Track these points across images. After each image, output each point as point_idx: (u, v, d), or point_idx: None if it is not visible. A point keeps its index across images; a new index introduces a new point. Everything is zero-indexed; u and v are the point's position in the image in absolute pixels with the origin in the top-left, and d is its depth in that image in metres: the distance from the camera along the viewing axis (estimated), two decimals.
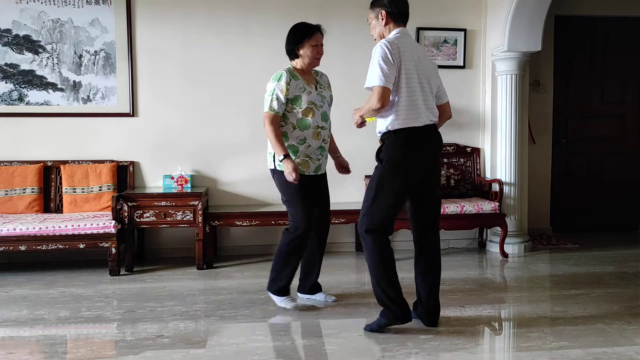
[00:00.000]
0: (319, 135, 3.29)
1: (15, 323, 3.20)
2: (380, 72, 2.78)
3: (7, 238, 4.03)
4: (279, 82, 3.22)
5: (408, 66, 2.86)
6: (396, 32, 2.97)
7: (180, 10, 4.80)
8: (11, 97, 4.66)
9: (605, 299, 3.60)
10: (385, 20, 2.99)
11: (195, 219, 4.35)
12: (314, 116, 3.26)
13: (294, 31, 3.31)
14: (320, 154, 3.34)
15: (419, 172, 2.94)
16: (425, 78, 2.95)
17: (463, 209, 4.65)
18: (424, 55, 3.04)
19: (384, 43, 2.84)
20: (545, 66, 5.60)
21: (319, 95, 3.31)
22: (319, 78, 3.42)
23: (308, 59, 3.28)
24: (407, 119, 2.87)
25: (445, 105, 3.15)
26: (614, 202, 5.84)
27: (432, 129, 2.98)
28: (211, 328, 3.11)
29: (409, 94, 2.87)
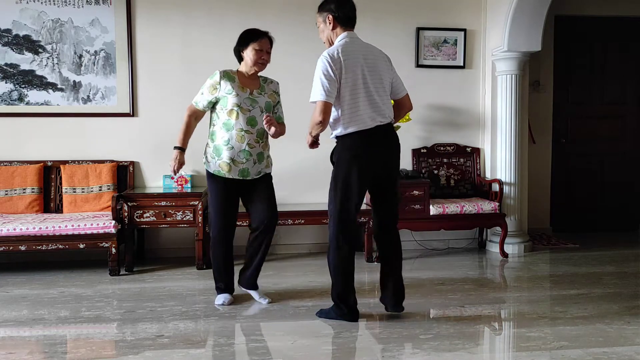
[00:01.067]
0: (243, 139, 3.34)
1: (15, 323, 3.20)
2: (321, 87, 2.93)
3: (7, 238, 4.03)
4: (210, 80, 3.37)
5: (350, 75, 2.97)
6: (342, 36, 3.06)
7: (180, 10, 4.80)
8: (11, 97, 4.66)
9: (605, 299, 3.60)
10: (333, 24, 3.08)
11: (195, 219, 4.35)
12: (238, 119, 3.32)
13: (242, 34, 3.43)
14: (245, 158, 3.35)
15: (368, 169, 3.05)
16: (375, 79, 3.05)
17: (463, 209, 4.65)
18: (376, 55, 3.11)
19: (325, 57, 2.96)
20: (545, 66, 5.60)
21: (250, 99, 3.36)
22: (265, 84, 3.47)
23: (250, 62, 3.36)
24: (352, 125, 3.00)
25: (404, 98, 3.25)
26: (614, 202, 5.85)
27: (382, 129, 3.07)
28: (211, 328, 3.11)
29: (352, 103, 2.98)
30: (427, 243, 5.14)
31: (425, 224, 4.68)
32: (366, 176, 3.06)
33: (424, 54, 5.07)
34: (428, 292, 3.79)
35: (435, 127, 5.15)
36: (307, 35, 4.92)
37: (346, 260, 3.08)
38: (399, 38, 5.03)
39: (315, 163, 4.86)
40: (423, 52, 5.07)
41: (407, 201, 4.60)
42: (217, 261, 3.49)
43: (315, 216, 4.56)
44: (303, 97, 4.94)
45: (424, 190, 4.64)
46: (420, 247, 5.10)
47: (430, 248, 5.12)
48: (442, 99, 5.13)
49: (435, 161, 5.11)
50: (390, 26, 4.99)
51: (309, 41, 4.92)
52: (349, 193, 3.04)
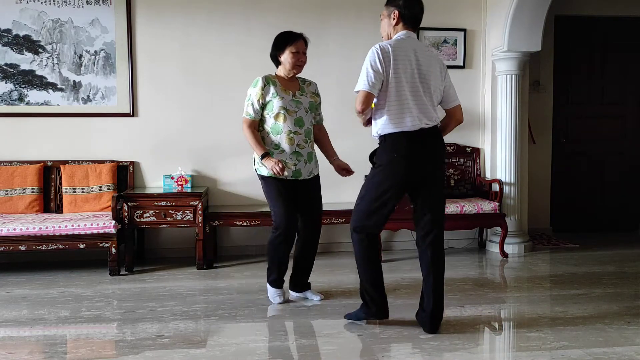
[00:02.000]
0: (292, 141, 3.36)
1: (15, 323, 3.20)
2: (366, 77, 2.85)
3: (7, 238, 4.03)
4: (254, 88, 3.36)
5: (400, 71, 2.87)
6: (401, 34, 2.97)
7: (181, 10, 4.80)
8: (11, 97, 4.66)
9: (605, 299, 3.60)
10: (397, 21, 2.98)
11: (195, 219, 4.35)
12: (286, 121, 3.34)
13: (277, 38, 3.43)
14: (297, 159, 3.39)
15: (409, 174, 2.92)
16: (424, 82, 2.93)
17: (463, 209, 4.65)
18: (429, 59, 2.98)
19: (376, 48, 2.88)
20: (545, 66, 5.60)
21: (294, 101, 3.38)
22: (304, 86, 3.49)
23: (289, 65, 3.37)
24: (396, 123, 2.89)
25: (454, 109, 3.11)
26: (614, 202, 5.85)
27: (427, 132, 2.92)
28: (211, 328, 3.11)
29: (398, 100, 2.88)
30: None
31: None
32: (405, 181, 2.94)
33: None
34: None
35: None
36: (309, 35, 4.91)
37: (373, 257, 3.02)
38: None
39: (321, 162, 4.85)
40: None
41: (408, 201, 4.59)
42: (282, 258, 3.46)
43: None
44: None
45: None
46: None
47: None
48: None
49: None
50: None
51: (311, 41, 4.92)
52: (381, 195, 2.93)
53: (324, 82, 4.06)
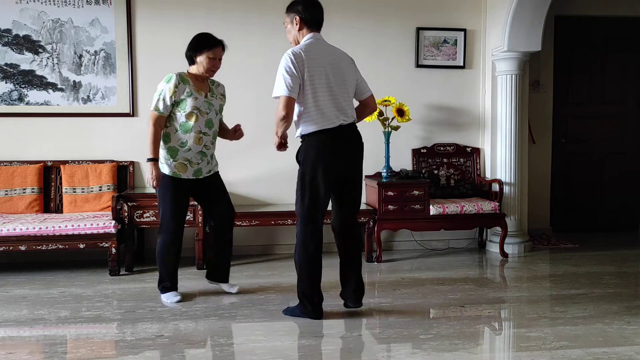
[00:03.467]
0: (201, 140, 3.43)
1: (15, 323, 3.20)
2: (284, 82, 2.99)
3: (7, 238, 4.03)
4: (168, 84, 3.36)
5: (314, 73, 3.02)
6: (308, 37, 3.12)
7: (181, 10, 4.80)
8: (11, 97, 4.66)
9: (605, 299, 3.60)
10: (299, 25, 3.14)
11: (195, 219, 4.35)
12: (197, 121, 3.40)
13: (196, 39, 3.48)
14: (201, 159, 3.47)
15: (334, 167, 3.09)
16: (338, 80, 3.09)
17: (463, 209, 4.65)
18: (340, 57, 3.16)
19: (288, 54, 3.02)
20: (545, 66, 5.60)
21: (207, 102, 3.45)
22: (213, 87, 3.56)
23: (203, 69, 3.43)
24: (316, 123, 3.05)
25: (368, 99, 3.30)
26: (614, 202, 5.85)
27: (346, 128, 3.11)
28: (211, 328, 3.11)
29: (315, 100, 3.03)
30: (427, 243, 5.14)
31: (425, 224, 4.68)
32: (332, 174, 3.10)
33: (424, 54, 5.07)
34: (428, 292, 3.79)
35: (435, 127, 5.15)
36: None
37: (312, 259, 3.13)
38: (399, 38, 5.03)
39: None
40: (423, 52, 5.07)
41: (407, 201, 4.60)
42: (169, 261, 3.53)
43: None
44: None
45: (424, 190, 4.64)
46: (420, 247, 5.10)
47: (430, 248, 5.12)
48: (442, 99, 5.13)
49: (435, 161, 5.11)
50: (390, 26, 5.00)
51: None
52: (315, 192, 3.08)
53: None
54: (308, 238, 3.11)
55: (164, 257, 3.52)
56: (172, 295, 3.56)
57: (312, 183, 3.07)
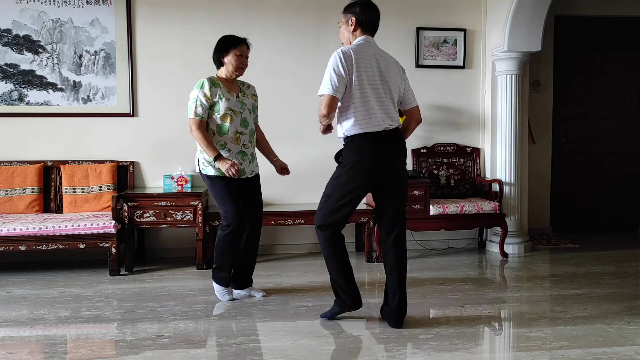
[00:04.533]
0: (239, 140, 3.45)
1: (15, 323, 3.20)
2: (330, 81, 2.93)
3: (7, 238, 4.03)
4: (201, 89, 3.39)
5: (363, 75, 2.97)
6: (359, 39, 3.08)
7: (181, 10, 4.80)
8: (11, 97, 4.67)
9: (605, 299, 3.60)
10: (354, 27, 3.10)
11: (195, 219, 4.36)
12: (233, 122, 3.41)
13: (221, 41, 3.49)
14: (242, 159, 3.47)
15: (374, 175, 3.03)
16: (384, 85, 3.05)
17: (463, 209, 4.65)
18: (389, 62, 3.12)
19: (338, 52, 2.97)
20: (545, 66, 5.60)
21: (239, 102, 3.47)
22: (244, 88, 3.58)
23: (232, 67, 3.45)
24: (362, 125, 2.98)
25: (413, 109, 3.24)
26: (614, 202, 5.85)
27: (391, 133, 3.05)
28: (211, 328, 3.11)
29: (363, 102, 2.98)
30: (427, 243, 5.14)
31: (425, 224, 4.68)
32: (370, 181, 3.04)
33: (424, 54, 5.07)
34: (428, 292, 3.79)
35: (435, 127, 5.15)
36: (308, 36, 4.93)
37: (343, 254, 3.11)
38: (399, 38, 5.03)
39: (315, 163, 4.87)
40: (423, 52, 5.07)
41: (407, 201, 4.59)
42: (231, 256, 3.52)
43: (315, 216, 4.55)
44: (303, 98, 4.97)
45: (424, 190, 4.64)
46: (420, 247, 5.10)
47: (430, 248, 5.12)
48: (442, 99, 5.14)
49: (435, 161, 5.12)
50: (390, 26, 4.99)
51: (310, 42, 4.93)
52: (347, 194, 3.03)
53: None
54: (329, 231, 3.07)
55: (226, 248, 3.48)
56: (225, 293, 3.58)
57: (347, 185, 3.02)
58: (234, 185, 3.45)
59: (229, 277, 3.59)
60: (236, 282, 3.67)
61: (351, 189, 3.02)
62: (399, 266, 3.09)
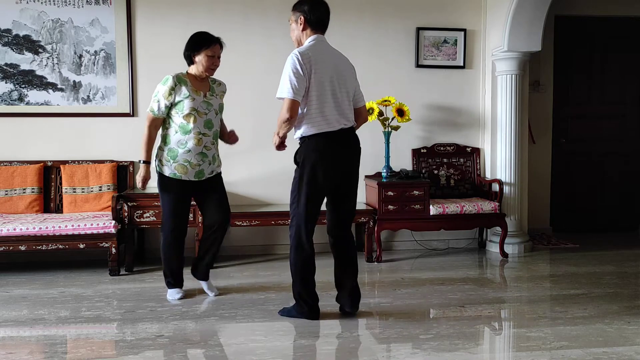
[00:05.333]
0: (201, 142, 3.39)
1: (15, 323, 3.20)
2: (290, 84, 2.93)
3: (7, 238, 4.03)
4: (164, 86, 3.34)
5: (319, 76, 2.98)
6: (311, 39, 3.08)
7: (181, 9, 4.80)
8: (11, 97, 4.66)
9: (605, 299, 3.60)
10: (303, 26, 3.09)
11: (195, 219, 4.35)
12: (196, 122, 3.36)
13: (193, 38, 3.42)
14: (202, 160, 3.42)
15: (333, 172, 3.07)
16: (341, 84, 3.07)
17: (463, 209, 4.65)
18: (342, 62, 3.13)
19: (295, 54, 2.97)
20: (545, 66, 5.60)
21: (205, 102, 3.41)
22: (214, 86, 3.53)
23: (202, 67, 3.39)
24: (319, 125, 3.02)
25: (361, 108, 3.27)
26: (614, 202, 5.85)
27: (346, 132, 3.10)
28: (211, 328, 3.11)
29: (319, 103, 3.00)
30: (427, 243, 5.14)
31: (425, 224, 4.68)
32: (330, 177, 3.08)
33: (424, 54, 5.07)
34: (428, 292, 3.79)
35: (435, 127, 5.15)
36: None
37: (308, 260, 3.12)
38: (399, 38, 5.03)
39: None
40: (423, 52, 5.07)
41: (407, 201, 4.60)
42: (171, 259, 3.55)
43: None
44: None
45: (424, 190, 4.64)
46: (420, 247, 5.10)
47: (430, 248, 5.12)
48: (442, 99, 5.13)
49: (435, 161, 5.11)
50: (390, 26, 5.00)
51: None
52: (313, 194, 3.06)
53: None
54: (304, 239, 3.09)
55: (165, 254, 3.55)
56: (175, 292, 3.60)
57: (310, 185, 3.05)
58: (184, 188, 3.44)
59: (175, 281, 3.61)
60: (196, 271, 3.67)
61: (314, 185, 3.04)
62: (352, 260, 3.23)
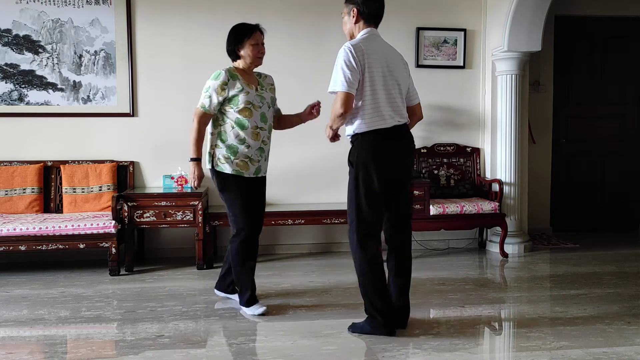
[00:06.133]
0: (258, 136, 3.27)
1: (15, 323, 3.20)
2: (343, 77, 2.80)
3: (7, 238, 4.03)
4: (216, 81, 3.22)
5: (372, 70, 2.86)
6: (364, 32, 2.95)
7: (181, 9, 4.80)
8: (11, 97, 4.66)
9: (605, 299, 3.60)
10: (356, 18, 2.96)
11: (195, 219, 4.35)
12: (252, 116, 3.24)
13: (233, 32, 3.31)
14: (260, 155, 3.31)
15: (388, 170, 2.92)
16: (393, 80, 2.94)
17: (463, 209, 4.65)
18: (395, 57, 3.01)
19: (348, 47, 2.84)
20: (545, 66, 5.60)
21: (258, 96, 3.29)
22: (261, 80, 3.40)
23: (249, 59, 3.28)
24: (373, 121, 2.88)
25: (415, 107, 3.14)
26: (614, 202, 5.84)
27: (401, 129, 2.96)
28: (211, 328, 3.11)
29: (373, 98, 2.87)
30: (427, 243, 5.14)
31: (425, 224, 4.68)
32: (386, 176, 2.91)
33: (424, 54, 5.07)
34: (428, 292, 3.79)
35: (435, 127, 5.15)
36: (308, 34, 4.93)
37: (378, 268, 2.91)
38: (399, 38, 5.02)
39: (315, 163, 4.87)
40: (423, 52, 5.07)
41: None
42: (249, 267, 3.33)
43: (315, 216, 4.56)
44: (304, 97, 4.93)
45: (424, 190, 4.64)
46: (420, 247, 5.10)
47: (430, 248, 5.12)
48: (442, 99, 5.13)
49: (435, 161, 5.11)
50: (391, 26, 4.98)
51: (310, 40, 4.93)
52: (372, 195, 2.89)
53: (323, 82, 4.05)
54: (371, 246, 2.90)
55: (244, 262, 3.30)
56: (258, 307, 3.33)
57: (367, 186, 2.88)
58: (247, 186, 3.28)
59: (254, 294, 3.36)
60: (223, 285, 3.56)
61: (372, 185, 2.88)
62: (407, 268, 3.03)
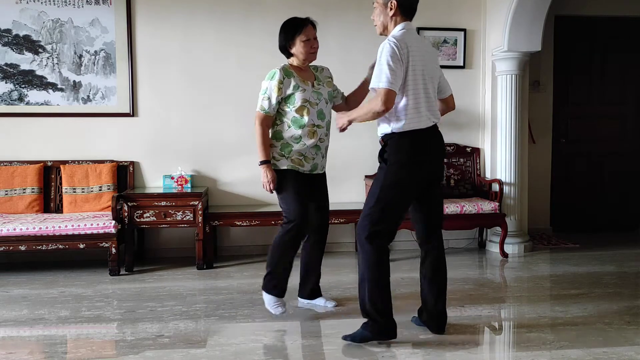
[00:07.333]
0: (315, 134, 3.18)
1: (15, 323, 3.20)
2: (389, 73, 2.66)
3: (7, 238, 4.03)
4: (272, 81, 3.15)
5: (415, 67, 2.74)
6: (402, 26, 2.81)
7: (181, 10, 4.80)
8: (11, 97, 4.66)
9: (605, 299, 3.60)
10: (395, 11, 2.81)
11: (195, 219, 4.35)
12: (309, 114, 3.15)
13: (284, 28, 3.23)
14: (316, 153, 3.23)
15: (424, 174, 2.83)
16: (429, 77, 2.83)
17: (463, 209, 4.65)
18: (429, 51, 2.90)
19: (392, 41, 2.70)
20: (545, 66, 5.60)
21: (315, 92, 3.20)
22: (318, 74, 3.31)
23: (302, 55, 3.20)
24: (412, 121, 2.76)
25: (448, 98, 3.04)
26: (614, 202, 5.84)
27: (435, 130, 2.89)
28: (211, 328, 3.11)
29: (415, 97, 2.76)
30: None
31: None
32: (424, 176, 2.83)
33: None
34: None
35: None
36: None
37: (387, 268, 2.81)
38: None
39: None
40: None
41: None
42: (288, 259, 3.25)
43: None
44: None
45: None
46: None
47: None
48: None
49: None
50: None
51: None
52: (400, 197, 2.80)
53: None
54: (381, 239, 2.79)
55: (284, 251, 3.22)
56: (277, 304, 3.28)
57: (398, 186, 2.77)
58: (302, 181, 3.21)
59: (282, 286, 3.29)
60: (305, 291, 3.46)
61: (404, 190, 2.79)
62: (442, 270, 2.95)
